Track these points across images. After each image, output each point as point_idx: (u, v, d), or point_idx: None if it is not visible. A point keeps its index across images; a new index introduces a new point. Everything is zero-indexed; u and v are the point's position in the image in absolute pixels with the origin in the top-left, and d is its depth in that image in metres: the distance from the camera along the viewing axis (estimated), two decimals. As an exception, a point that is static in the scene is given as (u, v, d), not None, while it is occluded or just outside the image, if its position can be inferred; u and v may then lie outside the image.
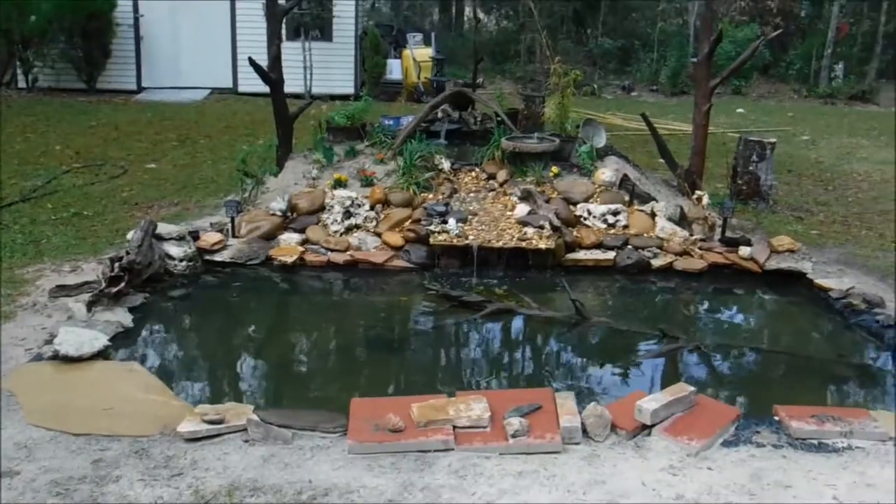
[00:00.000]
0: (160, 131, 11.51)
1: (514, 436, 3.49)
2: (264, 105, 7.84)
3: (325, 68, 15.58)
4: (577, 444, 3.55)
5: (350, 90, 15.78)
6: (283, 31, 15.04)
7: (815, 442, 3.69)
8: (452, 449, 3.48)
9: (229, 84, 15.84)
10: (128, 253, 5.41)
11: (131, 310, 5.18)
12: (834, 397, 4.64)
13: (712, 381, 4.74)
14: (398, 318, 5.67)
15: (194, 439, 3.57)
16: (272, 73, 7.49)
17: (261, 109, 11.69)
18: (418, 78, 15.57)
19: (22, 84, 15.17)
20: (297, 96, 14.53)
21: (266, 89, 7.84)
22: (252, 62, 7.37)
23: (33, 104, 13.75)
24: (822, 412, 3.86)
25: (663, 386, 4.47)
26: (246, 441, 3.58)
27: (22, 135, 10.92)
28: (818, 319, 5.75)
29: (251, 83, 9.07)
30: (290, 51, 14.92)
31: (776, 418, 3.86)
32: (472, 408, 3.63)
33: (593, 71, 19.02)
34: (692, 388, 3.85)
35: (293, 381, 4.73)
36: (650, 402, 3.67)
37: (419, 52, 16.01)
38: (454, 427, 3.55)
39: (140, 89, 15.75)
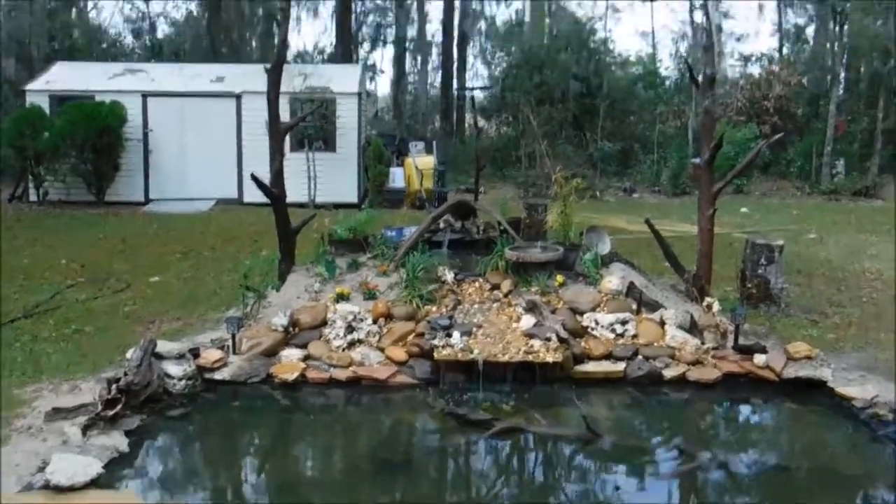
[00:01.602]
0: (165, 243, 11.57)
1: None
2: (268, 215, 7.88)
3: (328, 178, 15.85)
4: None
5: (353, 199, 15.99)
6: (288, 143, 15.48)
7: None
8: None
9: (234, 195, 16.09)
10: (126, 374, 5.28)
11: (128, 433, 5.00)
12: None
13: (733, 502, 4.49)
14: (402, 439, 5.46)
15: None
16: (274, 189, 7.54)
17: (265, 220, 11.75)
18: (421, 186, 15.78)
19: (33, 197, 15.48)
20: (300, 206, 14.70)
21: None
22: (255, 178, 7.43)
23: (43, 217, 13.94)
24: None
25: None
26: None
27: (30, 248, 11.00)
28: (843, 431, 5.50)
29: (256, 193, 9.18)
30: (295, 161, 15.27)
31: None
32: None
33: (594, 174, 19.27)
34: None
35: None
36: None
37: (421, 161, 16.28)
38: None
39: (147, 201, 16.03)
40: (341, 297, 6.86)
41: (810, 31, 26.59)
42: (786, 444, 5.60)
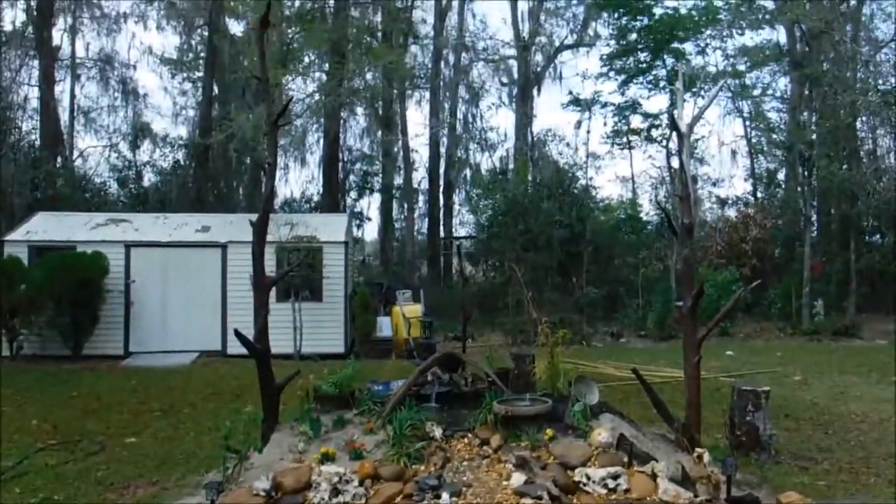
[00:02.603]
0: (143, 400, 11.34)
1: None
2: (252, 368, 7.79)
3: (314, 328, 15.84)
4: None
5: (340, 349, 15.93)
6: (274, 294, 15.54)
7: None
8: None
9: (218, 346, 15.97)
10: (97, 550, 5.02)
11: None
12: None
13: None
14: None
15: None
16: (259, 345, 7.50)
17: (249, 373, 11.62)
18: (409, 334, 15.78)
19: (6, 352, 15.11)
20: (286, 357, 14.60)
21: None
22: (238, 335, 7.41)
23: (14, 374, 13.62)
24: None
25: None
26: None
27: (-2, 408, 10.72)
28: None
29: (240, 346, 9.13)
30: (281, 312, 15.29)
31: None
32: None
33: (581, 319, 19.41)
34: None
35: None
36: None
37: (408, 309, 16.39)
38: None
39: (127, 354, 15.82)
40: (326, 458, 6.67)
41: (781, 175, 27.80)
42: None
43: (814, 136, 21.57)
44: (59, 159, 25.55)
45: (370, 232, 32.23)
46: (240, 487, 6.54)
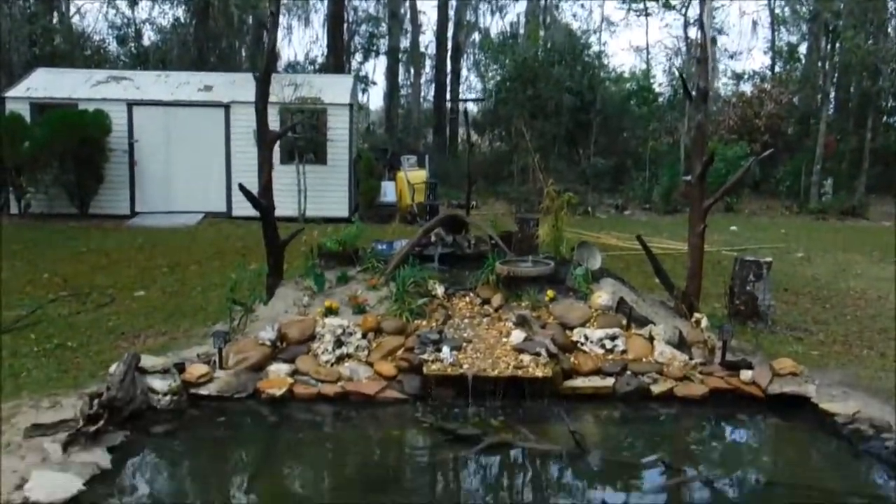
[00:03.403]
0: (151, 258, 11.48)
1: None
2: (257, 229, 7.83)
3: (319, 191, 15.77)
4: None
5: (344, 213, 15.92)
6: (278, 156, 15.43)
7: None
8: None
9: (223, 208, 15.97)
10: (108, 389, 5.21)
11: (110, 449, 4.92)
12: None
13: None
14: (390, 455, 5.39)
15: None
16: (263, 200, 7.50)
17: (253, 234, 11.72)
18: (413, 200, 15.75)
19: (14, 210, 15.23)
20: (290, 220, 14.64)
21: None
22: (243, 189, 7.39)
23: (24, 230, 13.78)
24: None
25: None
26: None
27: (10, 262, 10.86)
28: (825, 446, 5.50)
29: (245, 207, 9.19)
30: (285, 174, 15.18)
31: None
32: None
33: (586, 190, 19.34)
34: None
35: None
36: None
37: (413, 175, 16.28)
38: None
39: (133, 214, 15.84)
40: (330, 311, 6.81)
41: (803, 49, 26.90)
42: (769, 459, 5.59)
43: (841, 6, 20.67)
44: (55, 15, 24.65)
45: (375, 100, 31.61)
46: (246, 338, 6.71)
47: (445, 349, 6.12)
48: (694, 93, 8.14)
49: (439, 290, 7.11)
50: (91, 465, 4.67)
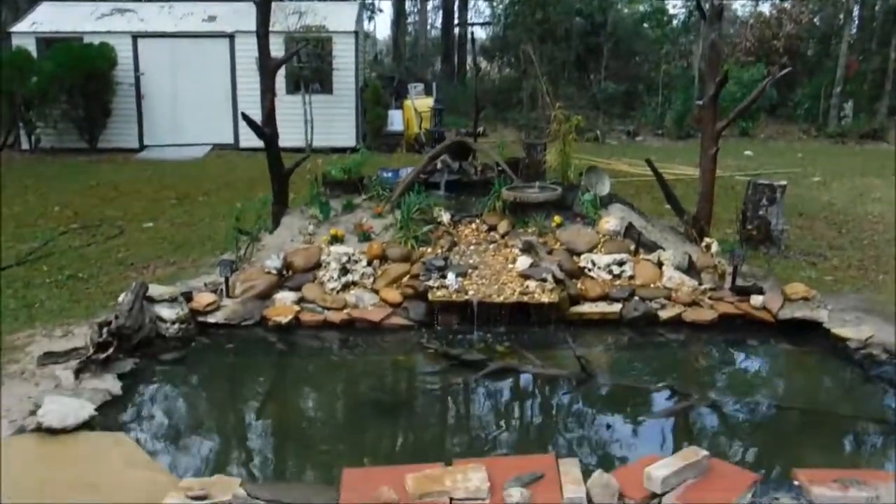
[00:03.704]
0: (159, 189, 11.46)
1: (514, 510, 3.25)
2: (264, 160, 7.74)
3: (325, 121, 15.58)
4: (582, 517, 3.30)
5: (351, 142, 15.73)
6: (284, 85, 15.22)
7: (840, 509, 3.42)
8: (449, 525, 3.24)
9: (230, 140, 15.88)
10: (116, 317, 5.24)
11: (120, 376, 4.99)
12: (856, 457, 4.35)
13: (726, 442, 4.48)
14: (396, 380, 5.44)
15: (176, 518, 3.34)
16: (266, 128, 7.39)
17: (261, 165, 11.57)
18: (420, 128, 15.54)
19: (25, 145, 15.26)
20: (297, 150, 14.52)
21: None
22: (246, 117, 7.29)
23: (35, 165, 13.81)
24: (845, 476, 3.58)
25: (675, 448, 4.23)
26: (230, 519, 3.34)
27: (21, 197, 10.90)
28: (836, 371, 5.48)
29: (252, 139, 9.08)
30: (291, 104, 15.02)
31: (796, 483, 3.59)
32: (470, 478, 3.39)
33: (597, 116, 18.99)
34: (705, 453, 3.59)
35: (287, 450, 4.49)
36: (660, 469, 3.41)
37: (420, 103, 15.99)
38: (451, 499, 3.31)
39: (142, 147, 15.81)
40: (335, 239, 6.78)
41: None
42: (779, 384, 5.59)
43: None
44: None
45: (382, 28, 30.83)
46: (252, 266, 6.71)
47: (451, 276, 6.10)
48: (708, 10, 7.86)
49: (445, 217, 7.04)
50: (102, 392, 4.74)
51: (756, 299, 6.21)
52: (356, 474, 3.57)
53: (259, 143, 7.88)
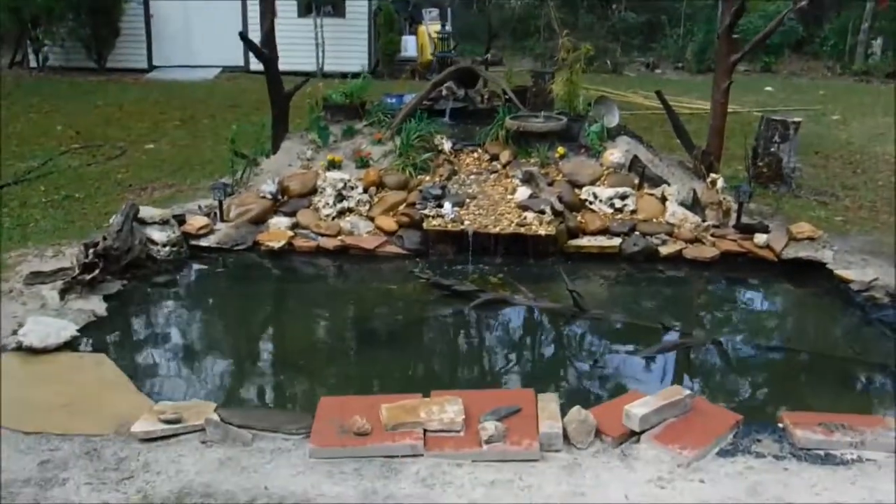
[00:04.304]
0: (164, 111, 11.32)
1: (488, 441, 3.20)
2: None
3: (337, 46, 15.28)
4: (557, 451, 3.25)
5: (364, 68, 15.42)
6: (295, 8, 14.85)
7: (822, 453, 3.33)
8: (421, 455, 3.20)
9: (240, 62, 15.59)
10: (104, 238, 5.18)
11: (107, 298, 4.96)
12: (849, 401, 4.24)
13: (715, 382, 4.42)
14: (384, 310, 5.34)
15: (149, 439, 3.33)
16: (265, 49, 7.19)
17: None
18: (433, 55, 15.15)
19: (33, 63, 15.07)
20: (308, 75, 14.26)
21: (280, 67, 7.54)
22: (244, 37, 7.13)
23: (42, 84, 13.67)
24: (832, 420, 3.49)
25: (661, 387, 4.17)
26: (203, 442, 3.32)
27: (25, 115, 10.81)
28: (837, 313, 5.36)
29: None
30: (302, 27, 14.75)
31: (780, 426, 3.51)
32: (446, 410, 3.34)
33: (616, 47, 18.45)
34: (688, 392, 3.52)
35: (267, 376, 4.47)
36: (640, 407, 3.35)
37: (435, 28, 15.54)
38: (425, 431, 3.27)
39: (151, 68, 15.60)
40: (333, 165, 6.66)
41: None
42: (776, 325, 5.48)
43: None
44: None
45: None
46: (249, 190, 6.63)
47: (447, 205, 5.98)
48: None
49: (446, 145, 6.88)
50: (87, 313, 4.72)
51: (760, 237, 6.06)
52: (332, 403, 3.53)
53: None
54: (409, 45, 16.09)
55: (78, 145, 9.19)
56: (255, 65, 14.84)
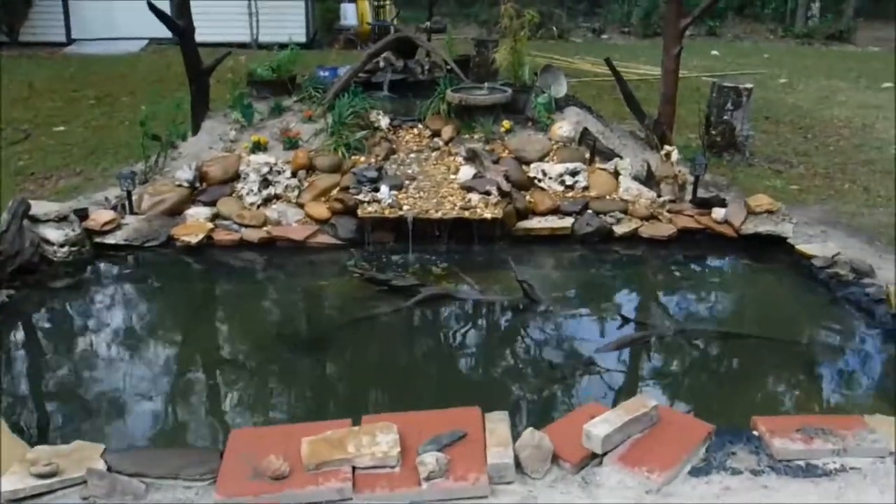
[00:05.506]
0: (79, 88, 10.44)
1: (428, 478, 2.74)
2: (205, 55, 6.89)
3: (273, 14, 14.45)
4: (508, 483, 2.80)
5: (302, 38, 14.62)
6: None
7: (802, 464, 2.97)
8: (350, 499, 2.72)
9: (169, 34, 14.56)
10: (-12, 241, 4.54)
11: (-12, 311, 4.32)
12: (823, 395, 3.92)
13: (679, 381, 4.02)
14: (313, 311, 4.81)
15: (17, 500, 2.75)
16: (180, 21, 6.51)
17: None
18: (369, 23, 14.46)
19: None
20: (243, 46, 13.47)
21: (210, 38, 6.85)
22: (153, 8, 6.41)
23: (-55, 60, 12.55)
24: (809, 423, 3.13)
25: (620, 390, 3.77)
26: (85, 499, 2.76)
27: (-81, 95, 9.82)
28: (801, 293, 5.02)
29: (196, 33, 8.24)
30: (235, -4, 13.87)
31: (755, 433, 3.13)
32: (378, 441, 2.86)
33: (562, 13, 17.97)
34: (653, 403, 3.10)
35: (172, 403, 3.78)
36: (601, 426, 2.92)
37: (377, -6, 14.86)
38: (354, 468, 2.79)
39: (70, 41, 14.49)
40: (258, 147, 6.05)
41: None
42: (740, 309, 5.11)
43: None
44: None
45: None
46: (165, 177, 5.99)
47: (384, 188, 5.44)
48: None
49: (383, 121, 6.32)
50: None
51: (718, 212, 5.71)
52: (245, 436, 3.02)
53: (201, 38, 6.99)
54: (348, 13, 15.31)
55: (-25, 130, 8.36)
56: (183, 36, 14.02)
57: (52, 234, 4.95)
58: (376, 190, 5.45)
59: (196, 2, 6.99)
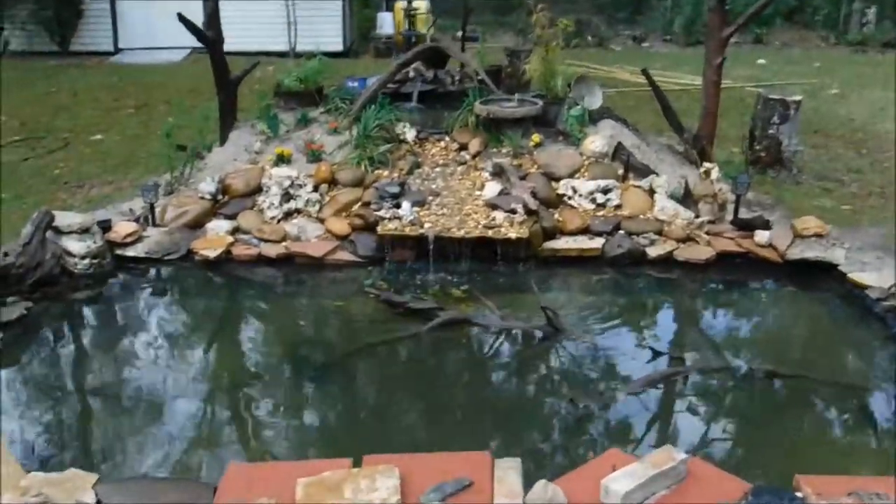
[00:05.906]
0: (119, 97, 10.52)
1: (428, 531, 2.55)
2: (244, 64, 6.85)
3: (310, 23, 14.44)
4: (517, 540, 2.60)
5: (339, 46, 14.65)
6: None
7: (853, 536, 2.67)
8: (344, 550, 2.54)
9: (209, 43, 14.74)
10: (5, 255, 4.48)
11: (5, 326, 4.25)
12: (878, 450, 3.52)
13: (714, 427, 3.70)
14: (323, 336, 4.64)
15: (2, 531, 2.65)
16: (209, 32, 6.45)
17: (237, 70, 10.70)
18: (401, 33, 14.37)
19: (-5, 49, 14.25)
20: (281, 55, 13.50)
21: (248, 47, 6.82)
22: (183, 19, 6.37)
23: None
24: (863, 486, 2.78)
25: (647, 435, 3.51)
26: (69, 533, 2.64)
27: (-30, 105, 10.00)
28: (853, 327, 4.65)
29: (232, 42, 8.13)
30: (273, 5, 13.96)
31: (799, 494, 2.81)
32: (378, 486, 2.67)
33: (601, 20, 17.66)
34: (682, 456, 2.82)
35: (175, 429, 3.61)
36: (622, 480, 2.67)
37: (413, 5, 14.74)
38: (350, 514, 2.61)
39: (117, 51, 14.75)
40: (281, 159, 5.94)
41: None
42: (782, 342, 4.75)
43: None
44: None
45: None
46: (191, 188, 5.92)
47: (405, 204, 5.26)
48: None
49: (409, 133, 6.16)
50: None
51: (761, 235, 5.39)
52: (240, 473, 2.86)
53: (239, 46, 6.99)
54: (385, 22, 15.25)
55: (19, 138, 8.44)
56: (226, 46, 14.07)
57: (75, 245, 4.88)
58: (398, 206, 5.28)
59: (236, 11, 6.97)
